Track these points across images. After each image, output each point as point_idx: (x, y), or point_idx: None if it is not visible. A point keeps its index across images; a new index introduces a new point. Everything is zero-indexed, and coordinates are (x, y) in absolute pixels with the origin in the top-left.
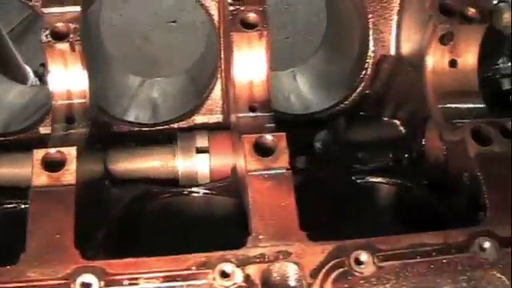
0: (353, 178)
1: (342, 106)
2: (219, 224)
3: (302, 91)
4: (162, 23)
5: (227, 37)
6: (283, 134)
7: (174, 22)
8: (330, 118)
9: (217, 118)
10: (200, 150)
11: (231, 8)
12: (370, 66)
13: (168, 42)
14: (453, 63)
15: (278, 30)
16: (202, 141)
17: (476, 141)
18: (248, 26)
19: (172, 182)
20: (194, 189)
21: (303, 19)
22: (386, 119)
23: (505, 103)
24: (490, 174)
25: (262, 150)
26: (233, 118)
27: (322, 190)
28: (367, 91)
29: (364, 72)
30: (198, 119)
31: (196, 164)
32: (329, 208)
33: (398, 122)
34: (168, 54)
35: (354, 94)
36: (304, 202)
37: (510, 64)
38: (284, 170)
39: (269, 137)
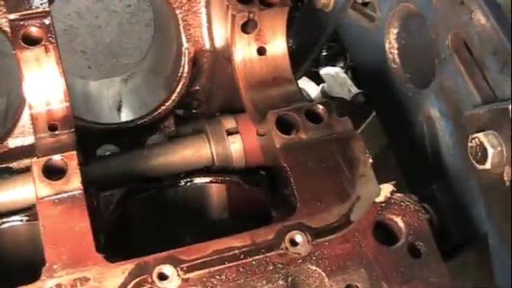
0: (180, 182)
1: (164, 107)
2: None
3: (132, 98)
4: None
5: None
6: (73, 152)
7: None
8: (157, 121)
9: (31, 139)
10: None
11: (12, 24)
12: (186, 63)
13: None
14: (261, 51)
15: (145, 29)
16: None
17: (281, 130)
18: (32, 42)
19: None
20: (15, 217)
21: None
22: (218, 115)
23: None
24: (296, 163)
25: (54, 173)
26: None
27: (150, 200)
28: (196, 87)
29: (181, 70)
30: (12, 143)
31: None
32: (159, 219)
33: None
34: None
35: (175, 94)
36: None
37: None
38: (76, 192)
39: (57, 157)
